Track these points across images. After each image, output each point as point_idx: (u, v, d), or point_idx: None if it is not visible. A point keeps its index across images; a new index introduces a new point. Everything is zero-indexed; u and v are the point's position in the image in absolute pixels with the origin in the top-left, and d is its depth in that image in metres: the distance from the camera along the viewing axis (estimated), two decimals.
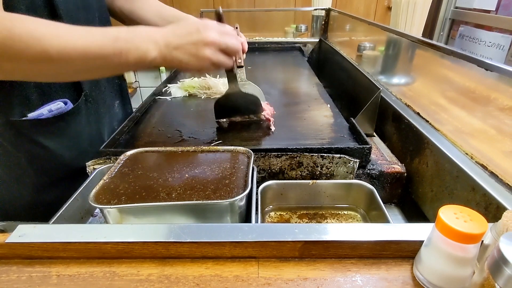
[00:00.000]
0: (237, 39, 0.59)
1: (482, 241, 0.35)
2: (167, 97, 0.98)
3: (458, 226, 0.31)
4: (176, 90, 1.00)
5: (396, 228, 0.40)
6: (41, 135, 0.61)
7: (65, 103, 0.63)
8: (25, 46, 0.43)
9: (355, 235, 0.38)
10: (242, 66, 0.69)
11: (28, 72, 0.48)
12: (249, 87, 0.77)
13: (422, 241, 0.36)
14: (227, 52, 0.58)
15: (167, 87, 1.03)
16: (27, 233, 0.39)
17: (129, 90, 1.89)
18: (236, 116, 0.77)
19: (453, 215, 0.32)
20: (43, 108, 0.60)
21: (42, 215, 0.50)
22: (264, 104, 0.77)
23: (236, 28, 0.65)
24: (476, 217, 0.32)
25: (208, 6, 2.46)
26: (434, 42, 0.74)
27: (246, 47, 0.63)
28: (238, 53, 0.60)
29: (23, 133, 0.60)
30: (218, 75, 1.07)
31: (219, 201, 0.46)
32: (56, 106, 0.61)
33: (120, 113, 0.86)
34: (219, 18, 0.62)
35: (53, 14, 0.58)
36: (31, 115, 0.59)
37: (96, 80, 0.72)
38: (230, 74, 0.69)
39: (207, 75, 1.06)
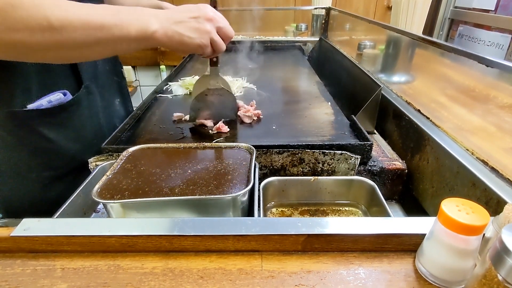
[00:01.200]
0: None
1: (484, 234, 0.35)
2: (168, 95, 0.98)
3: (460, 218, 0.31)
4: (177, 88, 1.01)
5: (397, 222, 0.40)
6: (44, 126, 0.62)
7: (64, 94, 0.63)
8: (26, 13, 0.41)
9: (357, 229, 0.39)
10: (217, 66, 0.72)
11: (27, 45, 0.44)
12: (222, 92, 0.77)
13: (424, 235, 0.37)
14: (223, 33, 0.58)
15: (168, 85, 1.04)
16: (32, 226, 0.39)
17: (129, 89, 1.89)
18: (211, 118, 0.78)
19: (455, 207, 0.32)
20: (43, 99, 0.60)
21: (47, 211, 0.50)
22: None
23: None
24: (478, 209, 0.32)
25: None
26: (434, 39, 0.75)
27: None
28: (230, 39, 0.60)
29: (26, 124, 0.60)
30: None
31: (222, 196, 0.46)
32: (56, 97, 0.62)
33: (121, 111, 0.87)
34: (214, 5, 0.62)
35: None
36: (31, 106, 0.59)
37: (95, 73, 0.72)
38: (213, 69, 0.70)
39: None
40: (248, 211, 0.51)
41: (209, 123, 0.76)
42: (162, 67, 2.48)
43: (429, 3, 1.35)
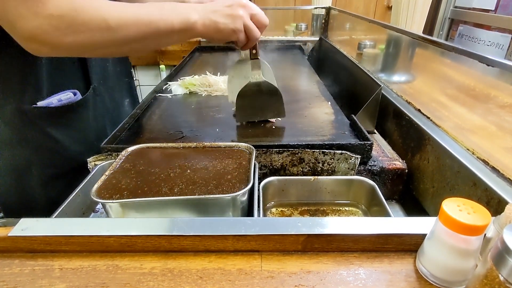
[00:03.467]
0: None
1: (485, 234, 0.35)
2: (168, 95, 0.98)
3: (462, 218, 0.31)
4: (177, 88, 1.00)
5: (398, 222, 0.40)
6: (49, 125, 0.63)
7: (74, 94, 0.65)
8: (88, 17, 0.46)
9: (358, 229, 0.38)
10: (257, 58, 0.70)
11: (89, 44, 0.50)
12: (264, 69, 0.73)
13: (424, 235, 0.37)
14: (256, 20, 0.60)
15: (168, 85, 1.03)
16: (30, 226, 0.39)
17: None
18: (257, 117, 0.75)
19: (456, 207, 0.32)
20: (53, 97, 0.62)
21: (44, 209, 0.51)
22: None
23: None
24: (479, 209, 0.32)
25: None
26: (435, 38, 0.75)
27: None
28: (265, 27, 0.62)
29: (31, 122, 0.61)
30: (218, 73, 1.07)
31: (222, 195, 0.46)
32: (66, 96, 0.63)
33: (130, 111, 0.87)
34: None
35: None
36: (41, 103, 0.61)
37: (104, 75, 0.74)
38: (254, 63, 0.69)
39: (207, 73, 1.06)
40: (248, 211, 0.51)
41: None
42: (162, 66, 2.47)
43: (429, 2, 1.34)
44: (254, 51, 0.69)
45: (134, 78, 2.57)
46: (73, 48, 0.49)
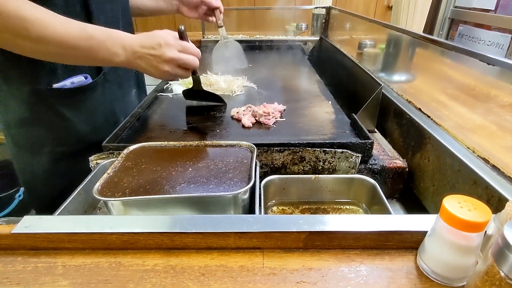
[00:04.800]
0: (194, 55, 0.66)
1: (485, 231, 0.35)
2: (169, 94, 0.98)
3: (462, 215, 0.31)
4: (178, 87, 1.00)
5: (399, 219, 0.40)
6: (62, 105, 0.69)
7: (86, 78, 0.71)
8: (10, 22, 0.49)
9: (359, 226, 0.39)
10: (222, 26, 0.90)
11: (13, 44, 0.54)
12: (231, 45, 0.99)
13: (425, 232, 0.37)
14: (185, 67, 0.66)
15: (169, 84, 1.04)
16: (33, 224, 0.39)
17: None
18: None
19: (457, 204, 0.32)
20: (67, 80, 0.68)
21: (56, 185, 0.61)
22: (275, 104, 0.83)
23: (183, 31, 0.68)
24: (480, 206, 0.32)
25: None
26: (435, 38, 0.75)
27: (222, 9, 0.86)
28: (195, 67, 0.68)
29: (46, 102, 0.67)
30: (219, 72, 1.07)
31: (223, 193, 0.46)
32: (78, 79, 0.70)
33: (136, 101, 0.92)
34: (181, 36, 0.66)
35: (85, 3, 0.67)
36: (56, 85, 0.67)
37: None
38: (194, 77, 0.78)
39: (208, 72, 1.07)
40: (249, 210, 0.51)
41: (244, 120, 0.76)
42: None
43: (429, 2, 1.35)
44: (219, 22, 0.92)
45: None
46: (2, 42, 0.53)
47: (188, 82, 1.02)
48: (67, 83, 0.68)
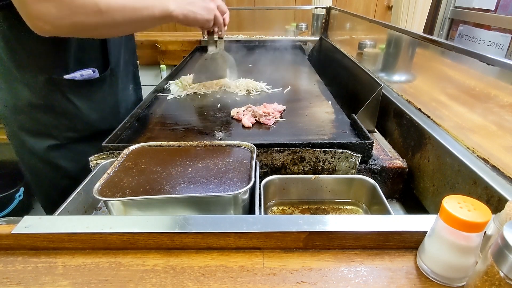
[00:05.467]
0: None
1: (485, 231, 0.35)
2: (168, 94, 0.98)
3: (462, 215, 0.31)
4: (177, 87, 1.00)
5: (399, 220, 0.40)
6: (73, 94, 0.76)
7: (93, 71, 0.78)
8: (82, 2, 0.57)
9: (359, 226, 0.39)
10: (222, 38, 0.94)
11: (84, 25, 0.60)
12: (226, 56, 1.00)
13: (425, 232, 0.37)
14: (221, 10, 0.80)
15: (168, 84, 1.04)
16: (33, 224, 0.39)
17: None
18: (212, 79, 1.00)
19: (457, 204, 0.32)
20: (77, 73, 0.75)
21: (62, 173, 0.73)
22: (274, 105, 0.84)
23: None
24: (479, 207, 0.32)
25: None
26: (435, 38, 0.75)
27: (227, 20, 0.87)
28: (226, 14, 0.82)
29: (59, 90, 0.74)
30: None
31: (223, 193, 0.46)
32: (87, 72, 0.77)
33: (133, 96, 0.99)
34: None
35: None
36: (67, 76, 0.74)
37: (118, 60, 0.87)
38: (210, 37, 0.91)
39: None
40: (249, 210, 0.51)
41: (244, 120, 0.77)
42: (162, 66, 2.47)
43: (429, 2, 1.34)
44: (211, 30, 0.90)
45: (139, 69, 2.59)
46: (71, 28, 0.59)
47: (188, 83, 1.02)
48: (77, 75, 0.75)
